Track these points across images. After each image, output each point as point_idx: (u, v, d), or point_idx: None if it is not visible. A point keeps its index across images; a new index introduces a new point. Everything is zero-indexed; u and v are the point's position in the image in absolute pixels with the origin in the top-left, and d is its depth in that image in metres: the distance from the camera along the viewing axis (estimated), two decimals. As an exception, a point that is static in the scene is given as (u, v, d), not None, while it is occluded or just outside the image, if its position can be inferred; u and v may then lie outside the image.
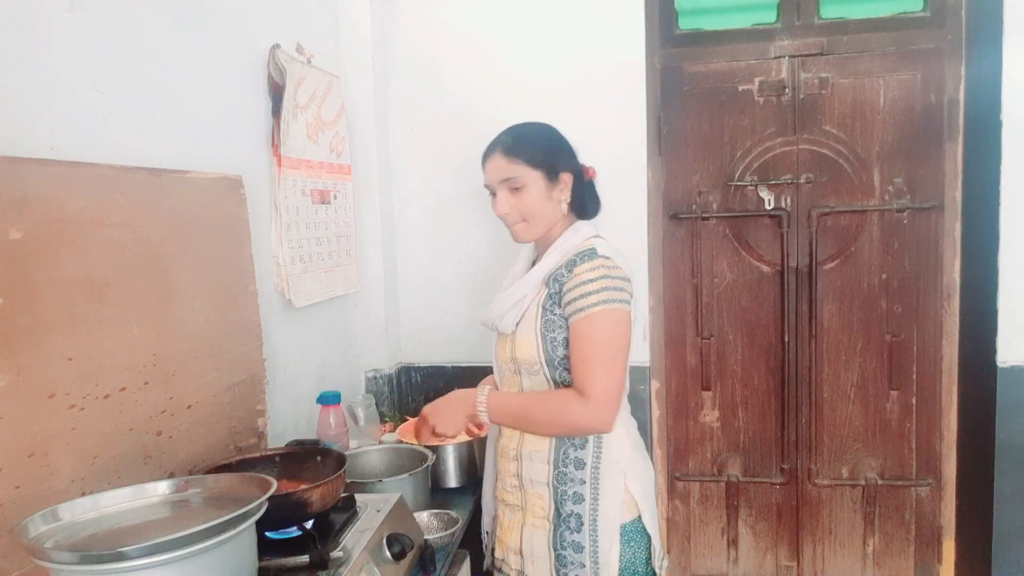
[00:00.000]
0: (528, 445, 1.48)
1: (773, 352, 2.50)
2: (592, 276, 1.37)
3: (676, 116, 2.46)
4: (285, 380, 1.89)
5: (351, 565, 1.20)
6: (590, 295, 1.36)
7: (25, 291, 1.07)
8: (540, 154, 1.46)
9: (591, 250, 1.42)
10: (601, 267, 1.38)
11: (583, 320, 1.37)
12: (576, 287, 1.38)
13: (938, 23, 2.31)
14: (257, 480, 1.09)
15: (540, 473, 1.47)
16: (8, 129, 1.10)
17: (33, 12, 1.15)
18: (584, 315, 1.36)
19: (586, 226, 1.51)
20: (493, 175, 1.48)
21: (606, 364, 1.36)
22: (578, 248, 1.44)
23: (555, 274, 1.43)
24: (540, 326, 1.43)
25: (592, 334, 1.36)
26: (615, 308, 1.37)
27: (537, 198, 1.46)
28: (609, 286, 1.37)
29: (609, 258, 1.41)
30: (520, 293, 1.47)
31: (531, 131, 1.51)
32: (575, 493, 1.44)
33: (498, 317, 1.50)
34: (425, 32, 2.40)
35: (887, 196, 2.38)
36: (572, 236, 1.48)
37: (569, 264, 1.41)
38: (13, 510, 1.03)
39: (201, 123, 1.57)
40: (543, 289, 1.45)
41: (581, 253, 1.41)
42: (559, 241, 1.49)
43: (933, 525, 2.48)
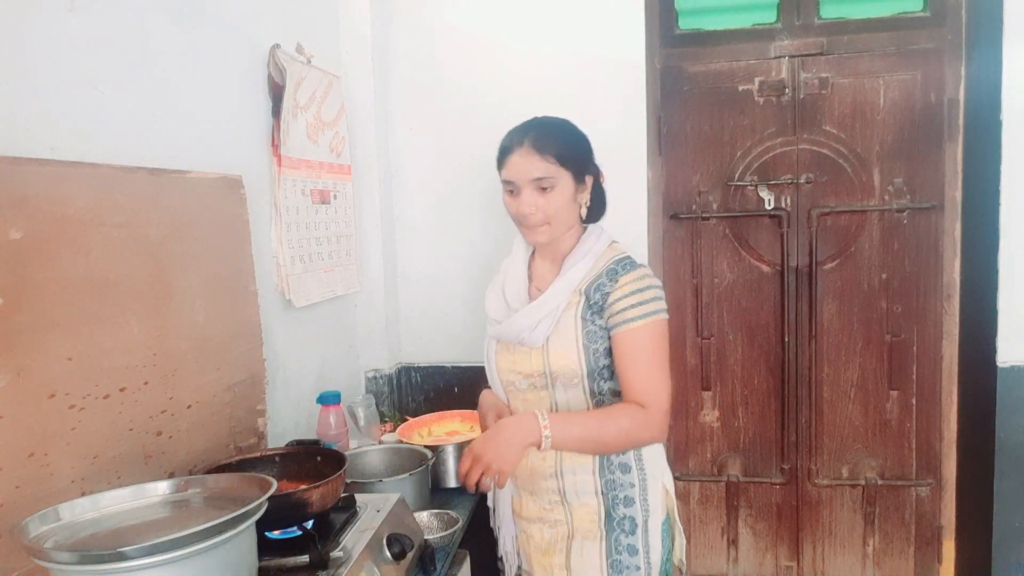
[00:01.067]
0: (569, 460, 1.44)
1: (773, 352, 2.50)
2: (640, 286, 1.36)
3: (676, 116, 2.46)
4: (285, 380, 1.89)
5: (351, 565, 1.20)
6: (641, 305, 1.35)
7: (25, 291, 1.07)
8: (571, 153, 1.40)
9: (628, 259, 1.41)
10: (646, 277, 1.38)
11: (637, 330, 1.35)
12: (625, 297, 1.36)
13: (938, 23, 2.31)
14: (257, 480, 1.09)
15: (586, 484, 1.43)
16: (8, 129, 1.10)
17: (33, 12, 1.15)
18: (637, 325, 1.35)
19: (602, 232, 1.49)
20: (521, 171, 1.38)
21: (664, 374, 1.37)
22: (607, 255, 1.42)
23: (595, 283, 1.39)
24: (582, 337, 1.39)
25: (649, 345, 1.35)
26: (663, 319, 1.38)
27: (565, 200, 1.40)
28: (656, 296, 1.37)
29: (645, 267, 1.41)
30: (552, 303, 1.41)
31: (561, 127, 1.44)
32: (626, 497, 1.43)
33: (526, 329, 1.41)
34: (425, 32, 2.40)
35: (887, 196, 2.38)
36: (595, 243, 1.45)
37: (610, 273, 1.39)
38: (13, 510, 1.03)
39: (201, 123, 1.57)
40: (577, 299, 1.40)
41: (620, 262, 1.40)
42: (581, 248, 1.45)
43: (933, 525, 2.48)
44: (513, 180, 1.40)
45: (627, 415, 1.34)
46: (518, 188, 1.39)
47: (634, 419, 1.34)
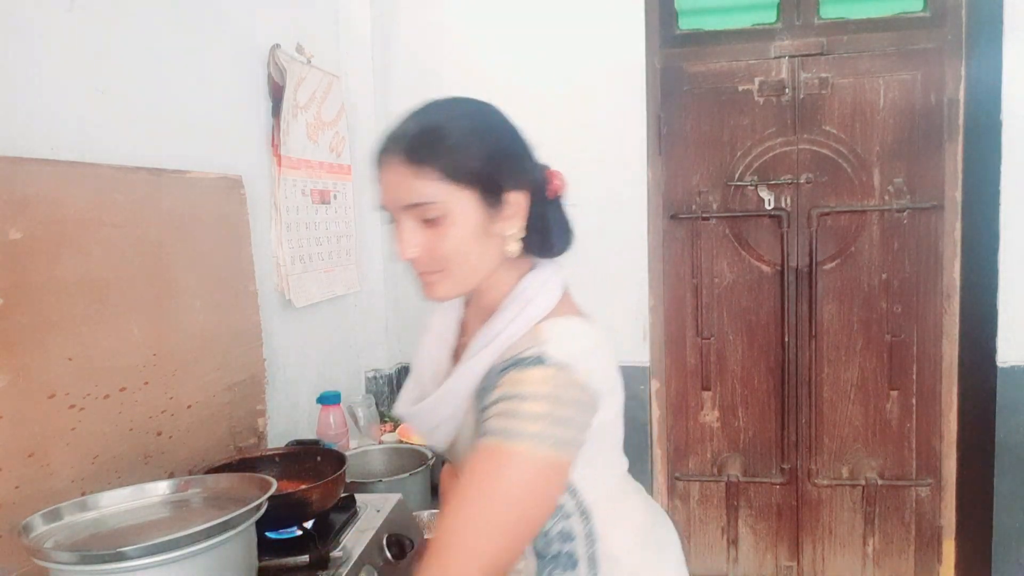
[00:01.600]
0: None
1: (773, 352, 2.50)
2: (533, 391, 0.84)
3: (676, 116, 2.46)
4: (285, 380, 1.89)
5: (351, 565, 1.20)
6: (517, 417, 0.83)
7: (25, 291, 1.07)
8: (470, 159, 0.90)
9: (538, 355, 0.86)
10: (550, 382, 0.85)
11: (490, 449, 0.84)
12: (502, 399, 0.86)
13: (938, 23, 2.31)
14: (257, 480, 1.09)
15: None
16: (8, 129, 1.10)
17: (33, 12, 1.15)
18: (494, 441, 0.84)
19: (543, 287, 0.95)
20: (391, 195, 0.92)
21: (484, 544, 0.83)
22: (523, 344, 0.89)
23: (485, 384, 0.91)
24: None
25: (491, 481, 0.83)
26: (546, 456, 0.83)
27: (466, 234, 0.91)
28: (552, 413, 0.83)
29: (563, 368, 0.85)
30: (447, 409, 0.96)
31: (454, 118, 0.92)
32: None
33: (428, 430, 1.01)
34: (425, 32, 2.40)
35: (887, 196, 2.37)
36: (515, 316, 0.92)
37: (502, 369, 0.89)
38: (13, 510, 1.03)
39: (201, 123, 1.57)
40: (474, 405, 0.93)
41: (522, 359, 0.87)
42: (494, 323, 0.93)
43: (933, 525, 2.48)
44: (385, 206, 0.94)
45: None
46: (395, 219, 0.94)
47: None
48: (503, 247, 0.94)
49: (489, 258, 0.94)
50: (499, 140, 0.93)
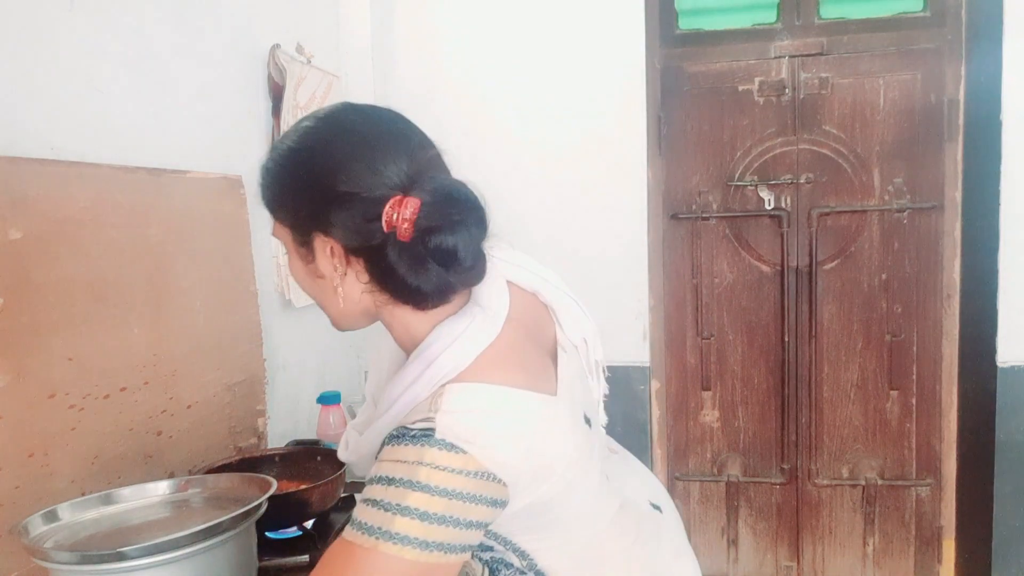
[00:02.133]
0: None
1: (773, 352, 2.50)
2: (402, 475, 0.69)
3: (676, 116, 2.46)
4: (285, 380, 1.89)
5: (351, 565, 1.20)
6: (379, 508, 0.68)
7: (25, 291, 1.07)
8: (273, 195, 0.84)
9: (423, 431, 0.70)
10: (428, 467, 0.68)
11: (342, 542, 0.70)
12: (372, 482, 0.71)
13: (938, 23, 2.31)
14: (257, 480, 1.09)
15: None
16: (8, 129, 1.10)
17: (33, 12, 1.15)
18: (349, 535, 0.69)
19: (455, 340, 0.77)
20: None
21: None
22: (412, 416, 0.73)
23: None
24: None
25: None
26: (414, 560, 0.67)
27: (296, 273, 0.87)
28: (428, 513, 0.67)
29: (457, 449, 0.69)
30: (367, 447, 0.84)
31: (277, 147, 0.84)
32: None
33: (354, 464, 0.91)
34: (425, 32, 2.40)
35: (887, 196, 2.37)
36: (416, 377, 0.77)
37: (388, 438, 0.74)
38: (13, 510, 1.03)
39: (201, 123, 1.57)
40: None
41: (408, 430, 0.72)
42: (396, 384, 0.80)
43: (933, 525, 2.48)
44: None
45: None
46: None
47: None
48: (355, 290, 0.81)
49: (337, 302, 0.83)
50: (303, 175, 0.79)
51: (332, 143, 0.79)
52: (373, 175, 0.76)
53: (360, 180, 0.75)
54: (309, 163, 0.79)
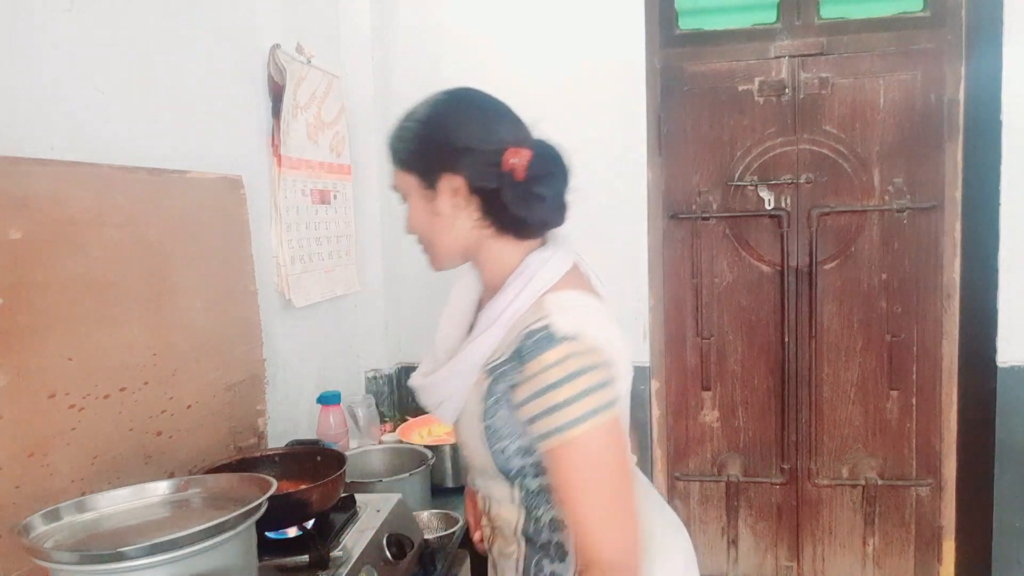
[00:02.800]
0: (498, 543, 1.12)
1: (773, 352, 2.50)
2: (560, 376, 0.91)
3: (676, 116, 2.46)
4: (285, 380, 1.89)
5: (351, 565, 1.20)
6: (565, 407, 0.91)
7: (25, 291, 1.07)
8: (411, 148, 1.04)
9: (545, 333, 0.92)
10: (570, 358, 0.91)
11: (565, 449, 0.92)
12: (539, 395, 0.92)
13: (938, 23, 2.31)
14: (257, 480, 1.09)
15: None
16: (8, 129, 1.10)
17: (33, 12, 1.15)
18: (562, 439, 0.92)
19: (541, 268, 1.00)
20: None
21: (616, 505, 0.94)
22: (526, 319, 0.96)
23: (499, 366, 0.97)
24: (484, 434, 1.01)
25: (586, 471, 0.93)
26: (604, 421, 0.92)
27: (417, 213, 1.06)
28: (591, 386, 0.91)
29: (575, 338, 0.92)
30: (455, 383, 1.03)
31: (409, 114, 1.06)
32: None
33: (434, 406, 1.08)
34: (425, 32, 2.40)
35: (887, 196, 2.37)
36: (519, 292, 0.99)
37: (517, 354, 0.94)
38: (13, 510, 1.03)
39: (201, 123, 1.57)
40: (484, 379, 1.00)
41: (532, 334, 0.93)
42: (498, 301, 1.00)
43: (933, 525, 2.48)
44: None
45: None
46: None
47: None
48: (457, 226, 1.03)
49: (450, 237, 1.04)
50: (431, 129, 1.02)
51: (461, 108, 1.03)
52: (493, 132, 1.01)
53: (485, 134, 1.00)
54: (445, 121, 1.02)
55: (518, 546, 1.07)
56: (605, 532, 0.93)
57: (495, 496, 1.09)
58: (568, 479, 0.94)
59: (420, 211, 1.05)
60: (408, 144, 1.04)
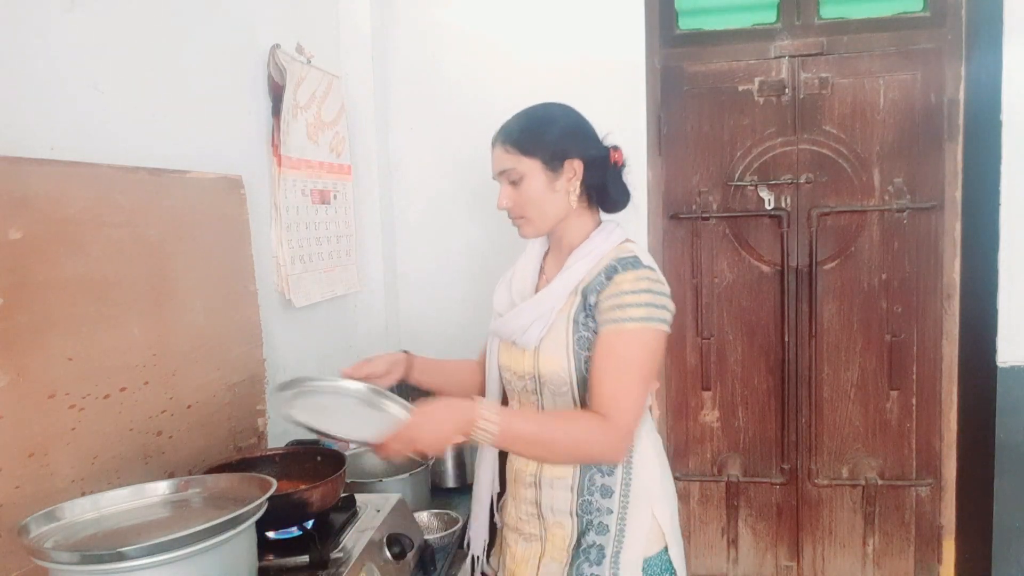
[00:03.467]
0: (548, 471, 1.33)
1: (773, 352, 2.50)
2: (635, 287, 1.22)
3: (676, 116, 2.46)
4: (285, 380, 1.89)
5: (351, 565, 1.20)
6: (630, 307, 1.21)
7: (25, 291, 1.07)
8: (538, 140, 1.30)
9: (634, 258, 1.27)
10: (647, 279, 1.24)
11: (617, 332, 1.21)
12: (615, 296, 1.22)
13: (938, 23, 2.31)
14: (257, 480, 1.09)
15: (563, 501, 1.32)
16: (8, 129, 1.10)
17: (33, 12, 1.15)
18: (619, 327, 1.21)
19: (616, 228, 1.35)
20: (494, 166, 1.35)
21: (635, 389, 1.20)
22: (612, 255, 1.29)
23: (591, 284, 1.27)
24: (572, 343, 1.27)
25: (626, 351, 1.20)
26: (656, 328, 1.22)
27: (535, 190, 1.30)
28: (653, 302, 1.22)
29: (655, 270, 1.27)
30: (547, 304, 1.30)
31: (529, 114, 1.35)
32: (600, 523, 1.29)
33: (519, 330, 1.32)
34: (425, 32, 2.40)
35: (887, 196, 2.37)
36: (603, 241, 1.32)
37: (608, 271, 1.26)
38: (13, 510, 1.03)
39: (201, 123, 1.57)
40: (574, 299, 1.29)
41: (622, 260, 1.26)
42: (587, 245, 1.32)
43: (933, 525, 2.48)
44: (494, 177, 1.37)
45: (582, 423, 1.21)
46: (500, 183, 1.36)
47: (589, 429, 1.19)
48: (566, 200, 1.31)
49: (557, 207, 1.32)
50: (555, 125, 1.32)
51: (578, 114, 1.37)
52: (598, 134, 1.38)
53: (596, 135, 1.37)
54: (575, 120, 1.35)
55: (574, 466, 1.30)
56: (623, 401, 1.19)
57: None
58: (609, 354, 1.21)
59: (537, 188, 1.29)
60: (542, 137, 1.30)
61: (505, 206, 1.33)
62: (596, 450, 1.22)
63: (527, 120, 1.34)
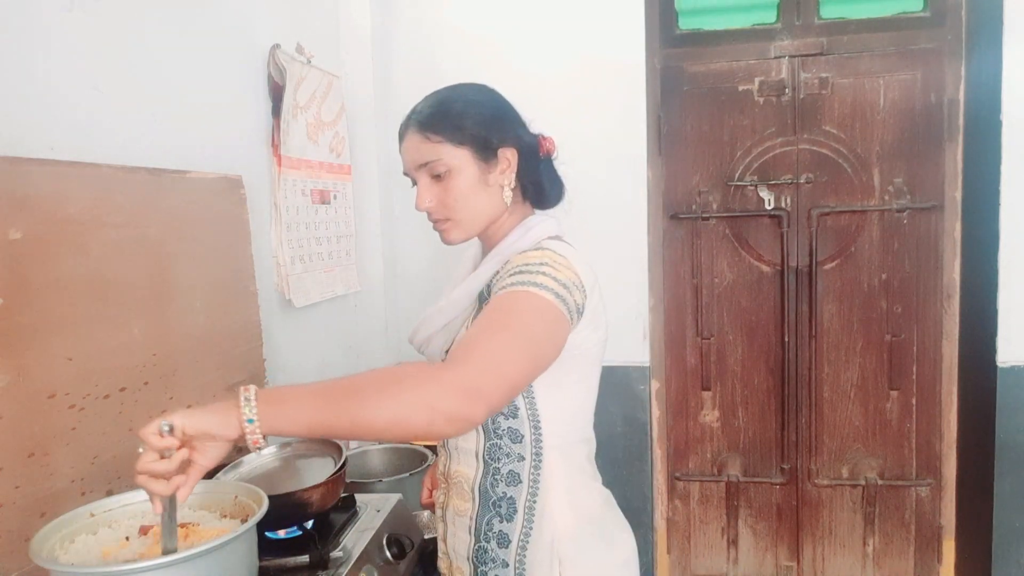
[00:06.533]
0: (453, 501, 1.15)
1: (773, 352, 2.50)
2: (532, 262, 1.02)
3: (676, 116, 2.46)
4: (285, 380, 1.89)
5: (351, 565, 1.20)
6: (524, 275, 1.00)
7: (25, 291, 1.07)
8: (466, 125, 1.09)
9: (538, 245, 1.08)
10: (545, 259, 1.02)
11: (505, 295, 0.99)
12: (511, 274, 1.02)
13: (938, 23, 2.31)
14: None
15: (462, 544, 1.13)
16: (8, 129, 1.10)
17: (33, 12, 1.15)
18: (508, 290, 0.99)
19: (542, 222, 1.14)
20: (408, 158, 1.13)
21: (497, 341, 0.93)
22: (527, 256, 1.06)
23: (490, 283, 1.09)
24: None
25: (504, 306, 0.98)
26: (547, 300, 0.98)
27: (466, 185, 1.10)
28: (549, 275, 1.00)
29: (564, 257, 1.04)
30: (451, 312, 1.13)
31: (455, 96, 1.14)
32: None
33: (424, 342, 1.17)
34: (425, 32, 2.40)
35: (887, 196, 2.37)
36: (519, 238, 1.11)
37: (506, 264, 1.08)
38: (13, 510, 1.03)
39: (201, 123, 1.57)
40: (476, 305, 1.12)
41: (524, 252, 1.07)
42: (500, 244, 1.13)
43: (933, 525, 2.48)
44: (406, 171, 1.15)
45: (400, 368, 0.94)
46: (413, 179, 1.14)
47: (412, 370, 0.88)
48: (501, 196, 1.13)
49: (490, 205, 1.12)
50: (489, 109, 1.13)
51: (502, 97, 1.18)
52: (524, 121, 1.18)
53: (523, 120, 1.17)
54: (501, 104, 1.16)
55: (472, 503, 1.12)
56: (475, 350, 0.91)
57: (461, 447, 1.14)
58: (492, 309, 0.98)
59: (467, 182, 1.10)
60: (471, 120, 1.10)
61: (427, 206, 1.12)
62: (418, 396, 0.84)
63: (449, 103, 1.12)
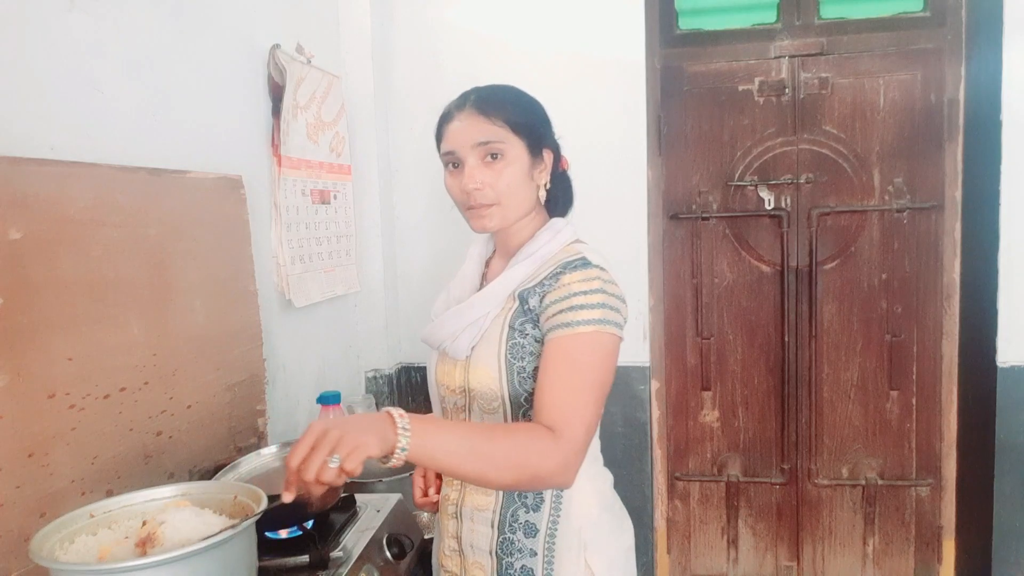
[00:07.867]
0: (470, 500, 1.18)
1: (773, 352, 2.50)
2: (586, 288, 1.07)
3: (676, 116, 2.46)
4: (285, 380, 1.89)
5: (351, 565, 1.21)
6: (583, 309, 1.05)
7: (25, 291, 1.07)
8: (524, 118, 1.15)
9: (582, 259, 1.11)
10: (598, 279, 1.08)
11: (570, 337, 1.05)
12: (564, 299, 1.07)
13: (938, 23, 2.31)
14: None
15: (482, 538, 1.16)
16: (8, 129, 1.10)
17: (33, 12, 1.15)
18: (571, 331, 1.04)
19: (565, 227, 1.20)
20: (464, 137, 1.12)
21: (589, 399, 1.03)
22: (560, 256, 1.14)
23: (533, 287, 1.12)
24: (505, 352, 1.12)
25: (580, 357, 1.04)
26: (611, 333, 1.06)
27: (519, 174, 1.13)
28: (608, 303, 1.07)
29: (606, 271, 1.11)
30: (480, 309, 1.15)
31: (510, 90, 1.19)
32: (523, 567, 1.13)
33: (449, 337, 1.16)
34: (425, 32, 2.40)
35: (887, 196, 2.37)
36: (549, 240, 1.16)
37: (554, 274, 1.11)
38: (13, 510, 1.03)
39: (201, 123, 1.57)
40: (511, 304, 1.14)
41: (570, 262, 1.11)
42: (532, 245, 1.17)
43: (933, 525, 2.48)
44: (454, 150, 1.14)
45: (523, 433, 0.99)
46: (460, 160, 1.14)
47: (531, 440, 0.97)
48: (537, 194, 1.18)
49: (529, 199, 1.17)
50: (539, 110, 1.21)
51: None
52: None
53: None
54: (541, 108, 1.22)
55: (495, 497, 1.16)
56: (574, 412, 1.01)
57: None
58: (561, 361, 1.04)
59: (520, 170, 1.14)
60: (529, 115, 1.17)
61: (477, 187, 1.12)
62: (545, 468, 0.97)
63: (510, 93, 1.18)
